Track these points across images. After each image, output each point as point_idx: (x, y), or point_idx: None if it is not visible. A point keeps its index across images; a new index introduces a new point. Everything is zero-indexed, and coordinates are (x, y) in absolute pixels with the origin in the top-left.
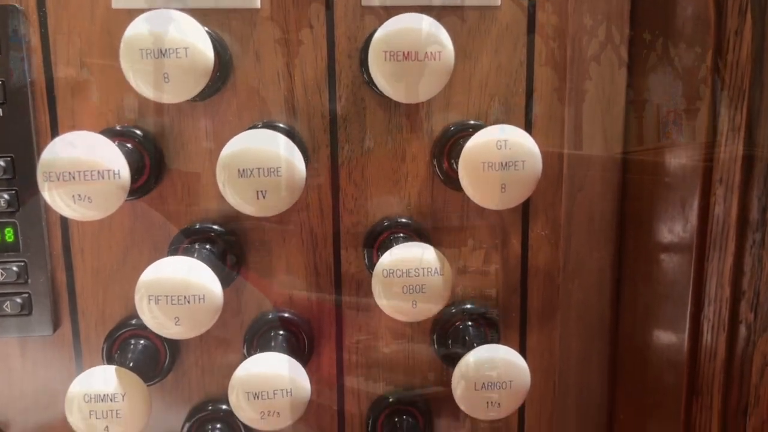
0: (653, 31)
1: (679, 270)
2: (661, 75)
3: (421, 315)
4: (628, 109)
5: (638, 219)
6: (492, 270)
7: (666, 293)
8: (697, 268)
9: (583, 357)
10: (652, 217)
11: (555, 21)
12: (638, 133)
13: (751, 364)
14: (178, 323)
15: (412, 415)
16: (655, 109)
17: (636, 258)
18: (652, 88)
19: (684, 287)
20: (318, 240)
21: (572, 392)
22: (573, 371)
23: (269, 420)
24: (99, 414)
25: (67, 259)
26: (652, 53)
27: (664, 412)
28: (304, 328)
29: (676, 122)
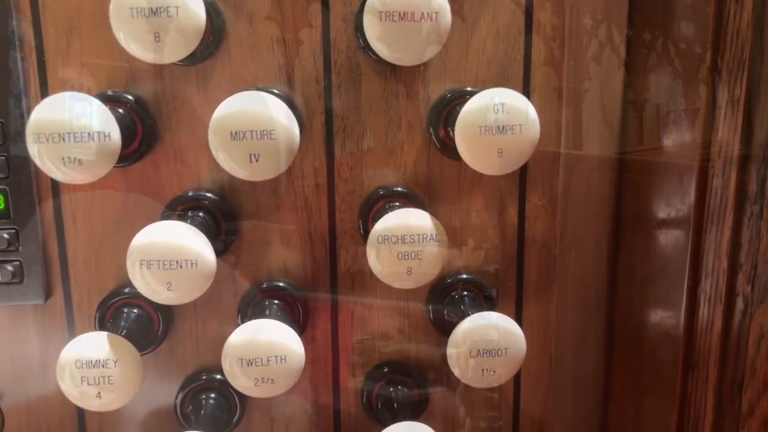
0: (653, 31)
1: (676, 243)
2: (661, 75)
3: (417, 282)
4: (627, 108)
5: (636, 191)
6: (488, 240)
7: (663, 266)
8: (695, 241)
9: (580, 330)
10: (650, 189)
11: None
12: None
13: (748, 337)
14: (170, 288)
15: (407, 385)
16: (655, 109)
17: (633, 231)
18: (652, 88)
19: (681, 260)
20: (313, 209)
21: (568, 365)
22: (569, 344)
23: (263, 387)
24: (91, 380)
25: (59, 227)
26: (652, 53)
27: (659, 385)
28: (299, 298)
29: (676, 122)
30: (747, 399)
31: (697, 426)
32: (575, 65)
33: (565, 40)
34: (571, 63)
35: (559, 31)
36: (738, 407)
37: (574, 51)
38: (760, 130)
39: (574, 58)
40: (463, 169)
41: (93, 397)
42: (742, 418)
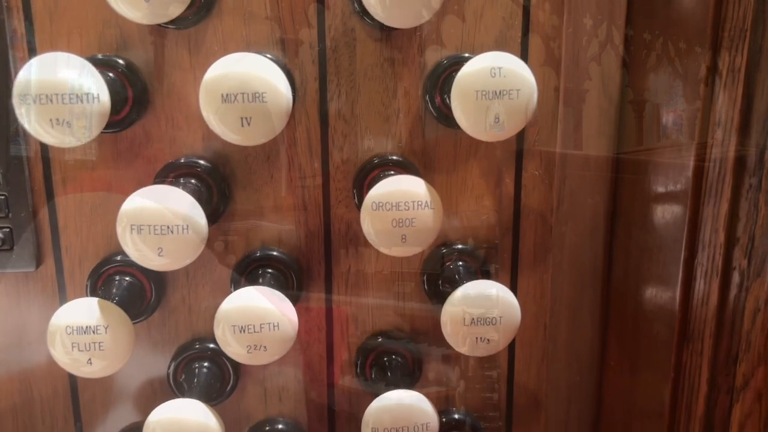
0: (653, 31)
1: (673, 216)
2: (661, 75)
3: (411, 250)
4: (627, 108)
5: (635, 161)
6: (484, 210)
7: (660, 239)
8: (692, 214)
9: (575, 301)
10: (648, 159)
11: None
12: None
13: (744, 311)
14: (162, 254)
15: (401, 355)
16: (655, 109)
17: (631, 202)
18: (652, 88)
19: (678, 233)
20: (307, 178)
21: (563, 336)
22: (564, 315)
23: (256, 354)
24: (82, 346)
25: (49, 193)
26: (652, 53)
27: (654, 357)
28: (293, 267)
29: (676, 122)
30: (741, 372)
31: (691, 399)
32: (575, 65)
33: (564, 40)
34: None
35: (558, 31)
36: (732, 381)
37: (574, 51)
38: (760, 100)
39: (574, 58)
40: (460, 138)
41: (84, 363)
42: (737, 391)
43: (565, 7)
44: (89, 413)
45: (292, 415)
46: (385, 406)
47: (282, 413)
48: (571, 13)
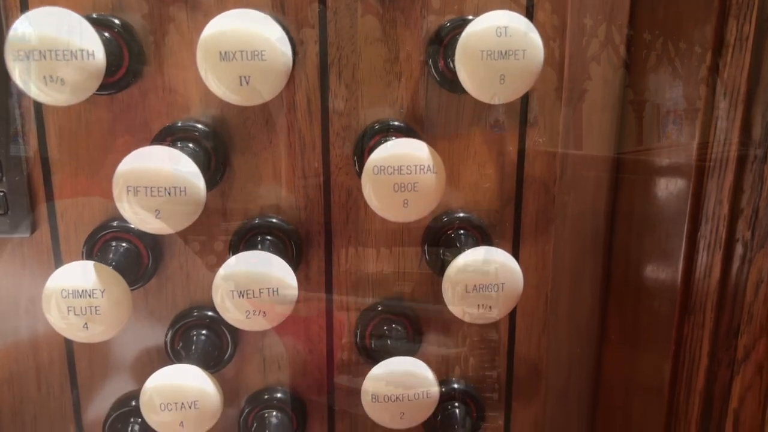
0: (653, 31)
1: (677, 187)
2: (661, 75)
3: (413, 215)
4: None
5: (639, 131)
6: (486, 178)
7: (663, 211)
8: (696, 185)
9: (576, 272)
10: (653, 129)
11: None
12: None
13: (746, 283)
14: (159, 216)
15: (401, 324)
16: (655, 109)
17: (634, 172)
18: (652, 88)
19: (682, 205)
20: (306, 143)
21: (564, 308)
22: (565, 286)
23: (255, 320)
24: (77, 310)
25: (44, 158)
26: (652, 53)
27: (655, 330)
28: (292, 235)
29: (676, 122)
30: (743, 344)
31: (692, 372)
32: (575, 65)
33: (565, 40)
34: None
35: (559, 31)
36: (733, 353)
37: (574, 51)
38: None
39: (574, 58)
40: (463, 104)
41: (80, 328)
42: (737, 363)
43: (565, 7)
44: (86, 381)
45: (291, 384)
46: (385, 373)
47: (281, 382)
48: (571, 13)
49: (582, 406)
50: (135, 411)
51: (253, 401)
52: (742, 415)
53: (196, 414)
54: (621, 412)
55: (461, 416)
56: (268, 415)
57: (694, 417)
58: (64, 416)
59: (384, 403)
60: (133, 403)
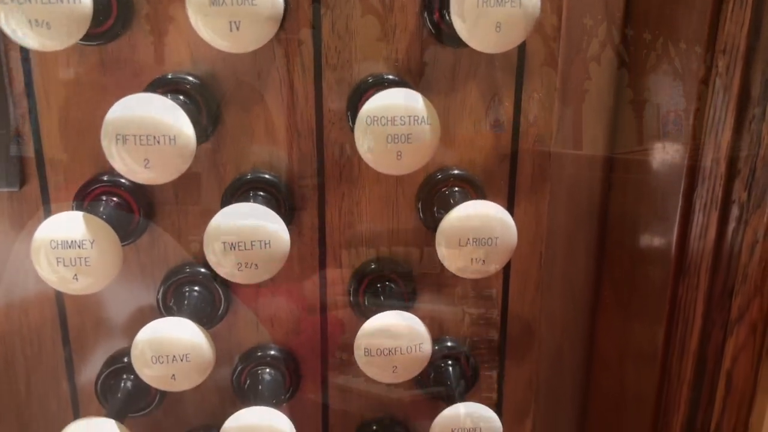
0: (653, 31)
1: (674, 146)
2: (661, 75)
3: (406, 167)
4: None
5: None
6: (481, 133)
7: (660, 172)
8: (694, 144)
9: (571, 233)
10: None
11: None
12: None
13: (742, 244)
14: (148, 166)
15: (395, 281)
16: (655, 109)
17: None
18: (652, 88)
19: (678, 165)
20: (299, 98)
21: (558, 269)
22: (560, 246)
23: (246, 272)
24: (67, 261)
25: (32, 111)
26: (652, 53)
27: (649, 292)
28: (284, 191)
29: (676, 122)
30: (737, 305)
31: (685, 333)
32: (575, 65)
33: (565, 40)
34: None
35: (558, 31)
36: (727, 314)
37: (574, 51)
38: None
39: (574, 58)
40: (458, 57)
41: (70, 280)
42: (731, 324)
43: (564, 7)
44: (78, 338)
45: (284, 342)
46: (378, 327)
47: (274, 340)
48: (571, 13)
49: (575, 367)
50: (127, 367)
51: (247, 359)
52: (735, 376)
53: (187, 367)
54: (614, 373)
55: (454, 374)
56: (261, 372)
57: (687, 378)
58: (57, 373)
59: (377, 356)
60: (125, 360)
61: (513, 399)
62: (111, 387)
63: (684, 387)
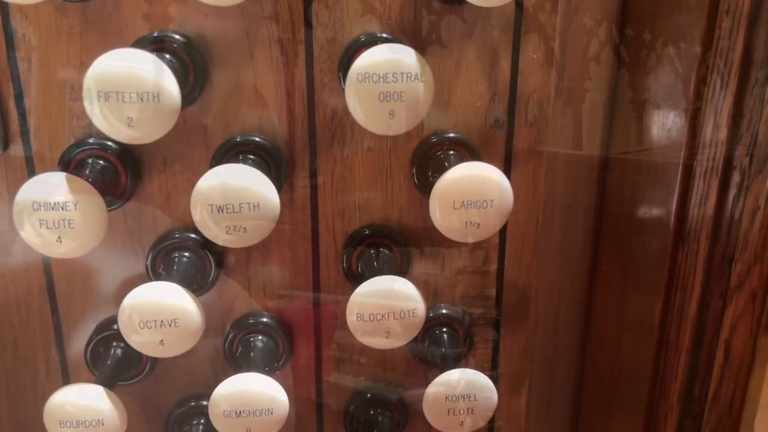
0: (653, 31)
1: (675, 112)
2: (661, 75)
3: (399, 126)
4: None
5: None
6: (477, 96)
7: (660, 138)
8: (695, 108)
9: (569, 199)
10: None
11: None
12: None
13: (742, 210)
14: (132, 124)
15: (388, 248)
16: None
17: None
18: (652, 88)
19: (678, 131)
20: (289, 58)
21: (555, 236)
22: (557, 213)
23: (235, 236)
24: (50, 224)
25: (14, 71)
26: (652, 53)
27: (648, 260)
28: (274, 155)
29: (676, 122)
30: (736, 273)
31: (684, 301)
32: (575, 65)
33: (565, 40)
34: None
35: (559, 31)
36: (726, 282)
37: (574, 51)
38: None
39: (574, 58)
40: (453, 17)
41: (54, 243)
42: (730, 292)
43: (565, 7)
44: (66, 306)
45: (276, 309)
46: (371, 291)
47: (266, 307)
48: (571, 13)
49: (572, 336)
50: (117, 335)
51: (238, 326)
52: (734, 344)
53: (176, 332)
54: (611, 342)
55: (449, 341)
56: (253, 339)
57: (685, 347)
58: (46, 341)
59: (370, 321)
60: (114, 327)
61: (509, 367)
62: (100, 355)
63: (682, 356)
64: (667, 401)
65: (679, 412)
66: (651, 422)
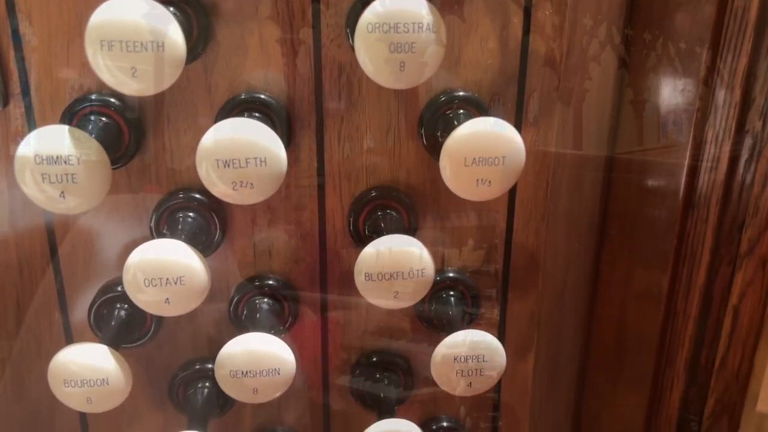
0: (653, 31)
1: (687, 72)
2: (661, 75)
3: (409, 80)
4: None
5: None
6: (488, 53)
7: (671, 100)
8: (708, 68)
9: (579, 163)
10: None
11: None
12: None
13: (755, 174)
14: (135, 75)
15: (396, 210)
16: (655, 109)
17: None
18: (652, 88)
19: (691, 92)
20: (295, 13)
21: (563, 201)
22: (566, 177)
23: (242, 192)
24: (53, 178)
25: (13, 24)
26: (652, 53)
27: (656, 226)
28: (280, 113)
29: (676, 122)
30: (747, 238)
31: (692, 268)
32: (575, 65)
33: (565, 40)
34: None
35: (559, 31)
36: (736, 249)
37: (574, 51)
38: None
39: (574, 58)
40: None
41: (57, 198)
42: (740, 258)
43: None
44: (69, 267)
45: (282, 272)
46: (379, 251)
47: (272, 270)
48: (571, 13)
49: (578, 302)
50: (121, 297)
51: (244, 289)
52: (742, 311)
53: (182, 290)
54: (618, 309)
55: (456, 304)
56: (259, 302)
57: (693, 314)
58: (49, 302)
59: (378, 281)
60: (118, 289)
61: (515, 332)
62: (104, 317)
63: (689, 323)
64: (674, 369)
65: (686, 380)
66: (657, 390)
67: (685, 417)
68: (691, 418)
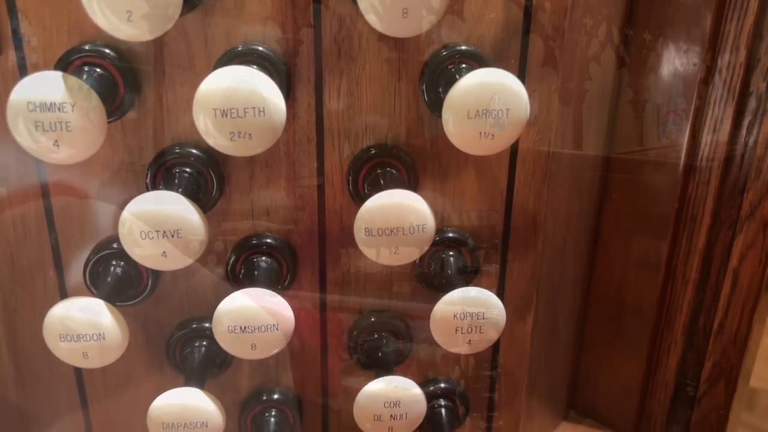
0: (653, 31)
1: (689, 36)
2: (661, 75)
3: (412, 27)
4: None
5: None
6: (492, 6)
7: (676, 61)
8: (713, 28)
9: (581, 123)
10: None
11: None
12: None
13: (757, 137)
14: (131, 19)
15: (395, 168)
16: (655, 109)
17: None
18: (652, 88)
19: (693, 53)
20: None
21: (565, 161)
22: (568, 137)
23: (240, 143)
24: (46, 126)
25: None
26: (652, 53)
27: (657, 189)
28: (278, 66)
29: (676, 122)
30: (748, 201)
31: (693, 231)
32: (575, 65)
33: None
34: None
35: (558, 31)
36: (737, 212)
37: (574, 51)
38: None
39: (574, 58)
40: None
41: (50, 147)
42: (741, 221)
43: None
44: (64, 224)
45: (281, 231)
46: (378, 205)
47: (270, 229)
48: (571, 13)
49: (578, 265)
50: (117, 254)
51: (241, 247)
52: (741, 274)
53: (179, 243)
54: (618, 273)
55: (454, 265)
56: (257, 260)
57: (692, 277)
58: (43, 259)
59: (378, 236)
60: (114, 246)
61: (514, 293)
62: (99, 274)
63: (689, 288)
64: (672, 334)
65: (683, 344)
66: (654, 354)
67: (682, 381)
68: (688, 383)
